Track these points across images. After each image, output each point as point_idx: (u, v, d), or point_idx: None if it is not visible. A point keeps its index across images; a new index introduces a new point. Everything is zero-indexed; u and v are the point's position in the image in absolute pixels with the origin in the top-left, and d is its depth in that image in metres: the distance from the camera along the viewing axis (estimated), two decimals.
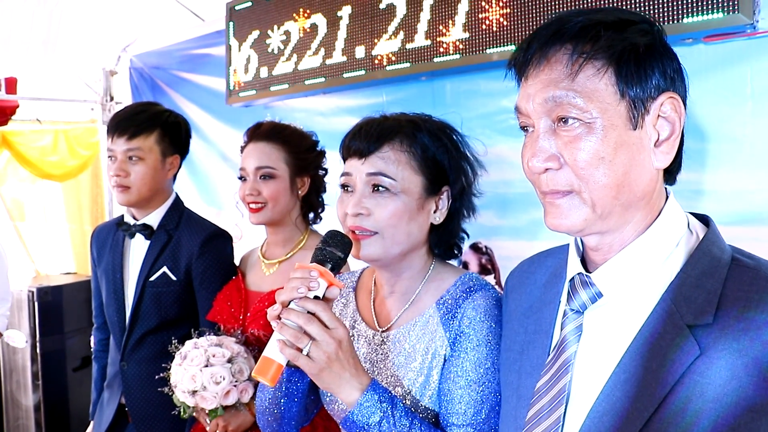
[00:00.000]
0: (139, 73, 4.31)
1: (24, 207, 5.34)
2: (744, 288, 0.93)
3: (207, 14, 3.69)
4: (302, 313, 1.21)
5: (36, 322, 4.57)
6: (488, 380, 1.28)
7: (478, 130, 2.51)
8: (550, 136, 0.98)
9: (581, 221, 0.99)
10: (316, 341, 1.20)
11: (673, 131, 0.98)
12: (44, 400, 4.59)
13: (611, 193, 0.97)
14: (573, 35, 0.97)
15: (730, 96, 1.90)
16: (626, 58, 0.95)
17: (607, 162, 0.95)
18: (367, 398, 1.23)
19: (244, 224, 2.24)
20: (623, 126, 0.95)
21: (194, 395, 1.92)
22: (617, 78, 0.95)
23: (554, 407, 1.02)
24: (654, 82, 0.96)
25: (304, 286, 1.22)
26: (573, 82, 0.96)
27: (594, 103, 0.95)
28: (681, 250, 1.00)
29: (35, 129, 5.00)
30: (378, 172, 1.36)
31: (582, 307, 1.05)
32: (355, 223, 1.37)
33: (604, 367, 1.00)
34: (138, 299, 2.32)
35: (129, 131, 2.28)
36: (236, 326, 2.10)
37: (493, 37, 2.27)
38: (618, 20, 0.98)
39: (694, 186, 1.96)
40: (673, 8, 1.85)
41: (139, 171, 2.30)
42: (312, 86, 2.91)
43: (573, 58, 0.96)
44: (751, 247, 1.03)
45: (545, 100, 0.98)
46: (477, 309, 1.32)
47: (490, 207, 2.48)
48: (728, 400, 0.88)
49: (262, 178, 2.06)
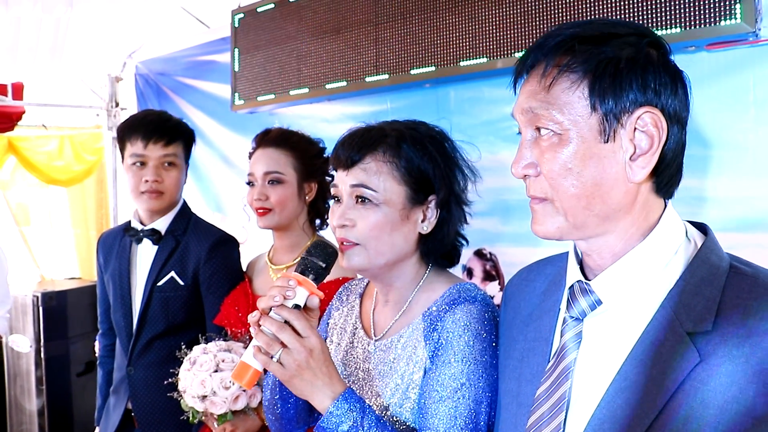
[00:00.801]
0: (145, 80, 4.34)
1: (29, 212, 5.36)
2: (743, 295, 0.94)
3: (212, 21, 3.71)
4: (276, 321, 1.23)
5: (40, 327, 4.58)
6: (462, 395, 1.27)
7: (481, 137, 2.52)
8: (532, 145, 1.02)
9: (555, 228, 1.02)
10: (288, 349, 1.22)
11: (651, 145, 0.97)
12: (48, 405, 4.59)
13: (581, 204, 0.99)
14: (550, 49, 1.00)
15: (733, 103, 1.91)
16: (601, 71, 0.96)
17: (575, 173, 0.98)
18: (337, 406, 1.24)
19: (251, 227, 2.26)
20: (593, 139, 0.97)
21: (204, 400, 1.93)
22: (590, 91, 0.97)
23: (554, 414, 1.03)
24: (631, 96, 0.96)
25: (280, 295, 1.25)
26: (548, 94, 0.99)
27: (566, 116, 0.98)
28: (679, 258, 1.01)
29: (41, 134, 5.03)
30: (360, 183, 1.38)
31: (582, 315, 1.05)
32: (340, 234, 1.39)
33: (604, 375, 1.00)
34: (146, 304, 2.34)
35: (165, 138, 2.35)
36: (243, 331, 2.12)
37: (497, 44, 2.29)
38: (600, 34, 0.99)
39: (696, 192, 1.96)
40: (676, 16, 1.86)
41: (174, 176, 2.38)
42: (319, 93, 2.93)
43: (547, 71, 0.99)
44: (754, 253, 1.04)
45: (524, 111, 1.02)
46: (456, 323, 1.32)
47: (494, 213, 2.49)
48: (729, 407, 0.88)
49: (270, 183, 2.08)
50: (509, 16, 2.25)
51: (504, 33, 2.27)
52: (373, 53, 2.67)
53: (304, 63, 2.98)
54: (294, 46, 3.03)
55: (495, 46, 2.30)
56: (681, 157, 1.03)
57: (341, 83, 2.82)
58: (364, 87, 2.73)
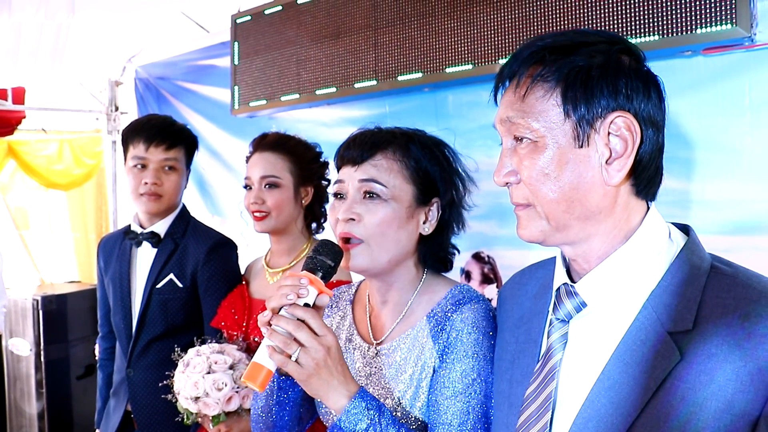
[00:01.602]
0: (145, 84, 4.35)
1: (29, 216, 5.37)
2: (722, 295, 0.96)
3: (212, 26, 3.73)
4: (292, 320, 1.22)
5: (40, 331, 4.58)
6: (474, 391, 1.29)
7: (479, 141, 2.54)
8: (511, 154, 1.06)
9: (538, 232, 1.05)
10: (305, 348, 1.21)
11: (625, 149, 1.00)
12: (48, 408, 4.60)
13: (561, 208, 1.02)
14: (523, 60, 1.03)
15: (729, 107, 1.92)
16: (573, 79, 0.99)
17: (553, 178, 1.01)
18: (354, 405, 1.24)
19: (248, 233, 2.28)
20: (569, 144, 1.00)
21: (197, 402, 1.94)
22: (563, 99, 1.00)
23: (542, 414, 1.05)
24: (602, 102, 0.99)
25: (294, 293, 1.23)
26: (523, 103, 1.02)
27: (541, 123, 1.01)
28: (662, 259, 1.03)
29: (40, 138, 5.04)
30: (370, 178, 1.39)
31: (567, 317, 1.08)
32: (344, 229, 1.39)
33: (589, 375, 1.03)
34: (145, 306, 2.36)
35: (167, 142, 2.37)
36: (239, 333, 2.14)
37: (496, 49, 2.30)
38: (571, 43, 1.02)
39: (692, 195, 1.97)
40: (672, 21, 1.88)
41: (173, 180, 2.40)
42: (317, 97, 2.94)
43: (521, 81, 1.03)
44: (749, 255, 1.05)
45: (502, 121, 1.06)
46: (465, 321, 1.33)
47: (492, 217, 2.50)
48: (708, 404, 0.91)
49: (266, 186, 2.10)
50: (507, 20, 2.26)
51: (503, 37, 2.28)
52: (372, 58, 2.69)
53: (303, 67, 3.00)
54: (294, 50, 3.04)
55: (494, 50, 2.31)
56: (659, 159, 1.05)
57: (341, 87, 2.83)
58: (363, 91, 2.74)
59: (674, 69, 1.97)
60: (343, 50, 2.80)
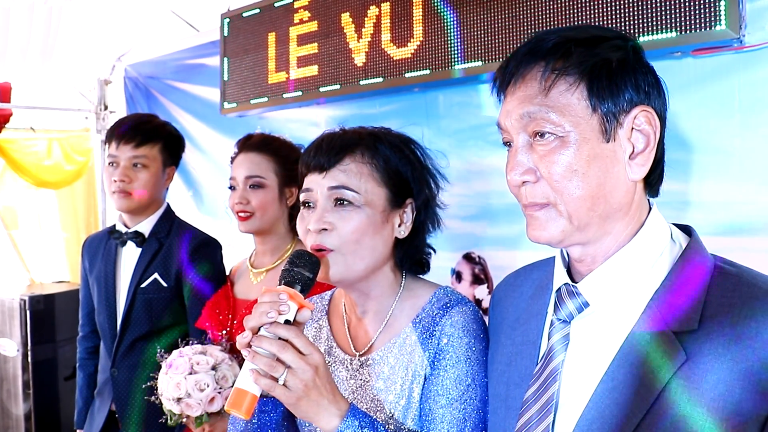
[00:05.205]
0: (134, 83, 4.33)
1: (18, 215, 5.32)
2: (727, 294, 0.95)
3: (201, 25, 3.71)
4: (275, 340, 1.13)
5: (27, 331, 4.54)
6: (470, 397, 1.26)
7: (470, 141, 2.53)
8: (528, 151, 1.02)
9: (559, 233, 1.01)
10: (292, 369, 1.13)
11: (647, 144, 1.00)
12: (35, 409, 4.55)
13: (586, 205, 0.99)
14: (546, 53, 1.00)
15: (719, 109, 1.92)
16: (598, 73, 0.98)
17: (581, 174, 0.98)
18: (348, 424, 1.17)
19: (233, 232, 2.28)
20: (596, 139, 0.98)
21: (179, 402, 1.93)
22: (589, 92, 0.98)
23: (543, 416, 1.03)
24: (627, 96, 0.99)
25: (274, 311, 1.15)
26: (546, 97, 0.99)
27: (567, 118, 0.98)
28: (665, 259, 1.02)
29: (29, 137, 5.00)
30: (340, 185, 1.32)
31: (569, 317, 1.06)
32: (316, 240, 1.31)
33: (592, 376, 1.01)
34: (129, 305, 2.36)
35: (136, 139, 2.37)
36: (224, 334, 2.13)
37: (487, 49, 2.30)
38: (591, 37, 1.01)
39: (683, 197, 1.97)
40: (662, 22, 1.87)
41: (143, 178, 2.38)
42: (307, 96, 2.93)
43: (545, 75, 0.99)
44: (739, 256, 1.04)
45: (521, 116, 1.01)
46: (455, 325, 1.30)
47: (483, 217, 2.50)
48: (715, 405, 0.89)
49: (251, 187, 2.10)
50: (500, 21, 2.25)
51: (496, 38, 2.28)
52: (362, 57, 2.68)
53: (293, 67, 2.98)
54: (283, 49, 3.03)
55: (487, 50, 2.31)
56: (664, 155, 1.06)
57: (330, 87, 2.81)
58: (354, 91, 2.73)
59: (664, 70, 1.95)
60: (334, 49, 2.79)
